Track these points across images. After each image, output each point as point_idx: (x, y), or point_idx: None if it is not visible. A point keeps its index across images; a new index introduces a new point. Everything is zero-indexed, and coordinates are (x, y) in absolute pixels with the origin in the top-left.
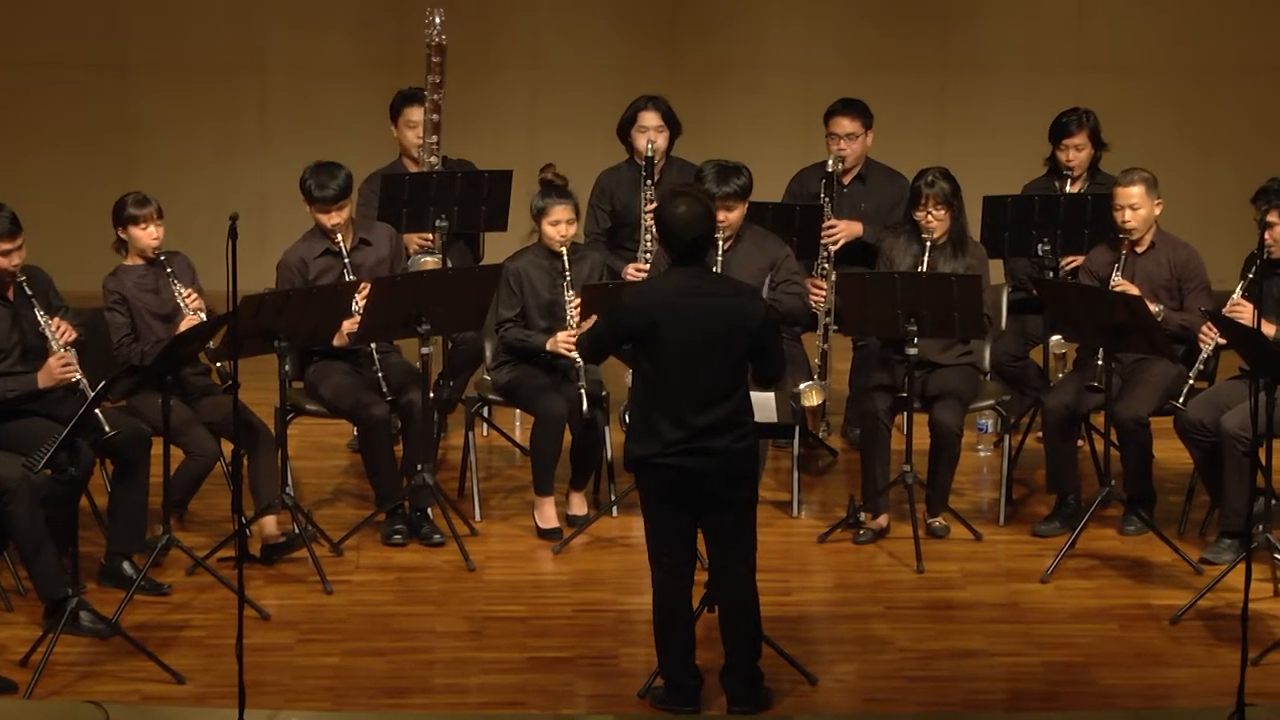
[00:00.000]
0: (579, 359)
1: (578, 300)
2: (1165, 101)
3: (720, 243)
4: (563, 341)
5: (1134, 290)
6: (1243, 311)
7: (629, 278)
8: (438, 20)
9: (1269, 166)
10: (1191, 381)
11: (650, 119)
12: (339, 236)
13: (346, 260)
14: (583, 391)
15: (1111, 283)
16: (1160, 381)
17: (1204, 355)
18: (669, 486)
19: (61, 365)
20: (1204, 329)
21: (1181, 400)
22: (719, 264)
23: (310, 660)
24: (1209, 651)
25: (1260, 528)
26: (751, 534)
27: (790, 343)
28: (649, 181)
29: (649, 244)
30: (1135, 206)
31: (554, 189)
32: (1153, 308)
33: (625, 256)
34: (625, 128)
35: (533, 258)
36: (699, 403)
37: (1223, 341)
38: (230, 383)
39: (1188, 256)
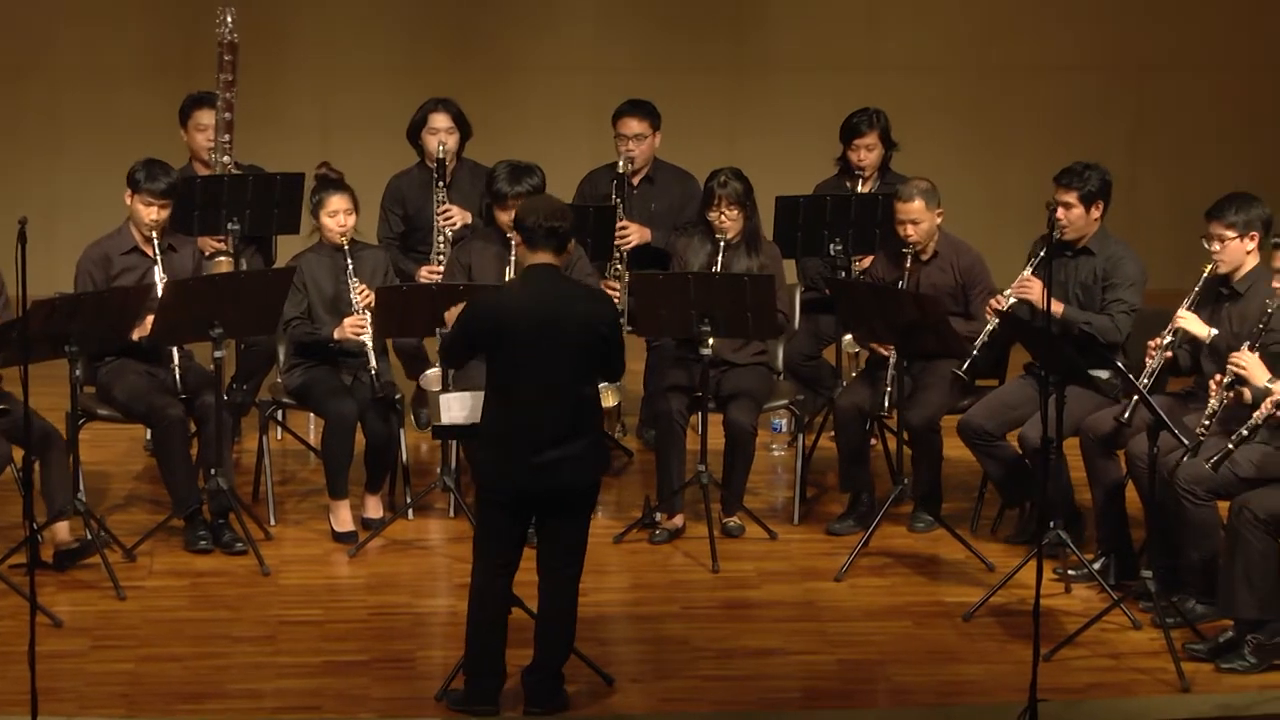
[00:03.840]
0: (369, 342)
1: (363, 286)
2: (957, 101)
3: (513, 245)
4: (350, 326)
5: None
6: (1031, 287)
7: (422, 280)
8: (229, 19)
9: (1060, 167)
10: (975, 352)
11: (440, 121)
12: (153, 235)
13: (158, 261)
14: (373, 375)
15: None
16: (947, 381)
17: (989, 328)
18: (515, 497)
19: None
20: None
21: (964, 367)
22: (511, 264)
23: (104, 667)
24: (1001, 648)
25: (1051, 525)
26: (586, 538)
27: None
28: (440, 184)
29: (441, 245)
30: (917, 221)
31: (329, 182)
32: None
33: (418, 259)
34: (415, 130)
35: (314, 255)
36: (552, 410)
37: (1004, 309)
38: (3, 409)
39: (971, 262)
